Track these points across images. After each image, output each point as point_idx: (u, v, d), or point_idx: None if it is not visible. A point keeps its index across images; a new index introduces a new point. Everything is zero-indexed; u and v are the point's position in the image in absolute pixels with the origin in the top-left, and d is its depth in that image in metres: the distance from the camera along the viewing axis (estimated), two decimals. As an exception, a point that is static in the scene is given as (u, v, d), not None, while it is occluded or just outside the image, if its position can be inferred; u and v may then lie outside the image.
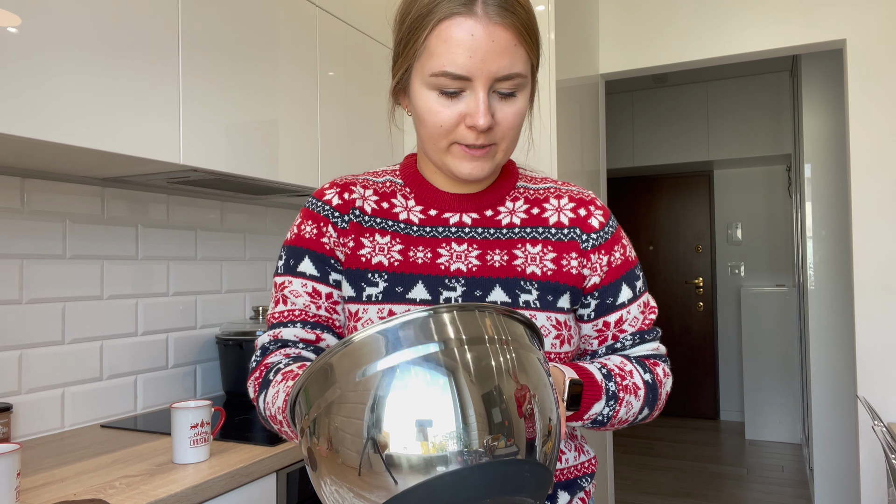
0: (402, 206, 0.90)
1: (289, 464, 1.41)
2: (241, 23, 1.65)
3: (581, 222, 0.88)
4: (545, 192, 0.92)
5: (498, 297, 0.83)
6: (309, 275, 0.88)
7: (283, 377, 0.79)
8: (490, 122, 0.77)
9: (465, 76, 0.76)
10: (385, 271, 0.85)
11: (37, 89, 1.18)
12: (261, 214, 2.24)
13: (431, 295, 0.83)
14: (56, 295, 1.58)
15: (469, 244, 0.86)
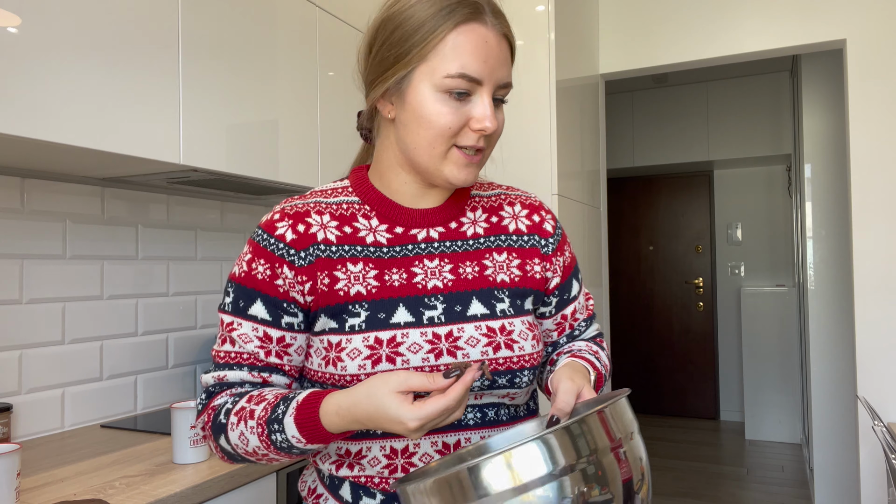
0: (367, 227, 0.87)
1: (289, 464, 1.41)
2: (241, 23, 1.65)
3: (538, 228, 0.94)
4: (497, 199, 0.95)
5: (477, 310, 0.85)
6: (261, 319, 0.83)
7: (238, 418, 0.80)
8: (496, 126, 0.82)
9: (479, 79, 0.80)
10: (365, 300, 0.83)
11: (37, 89, 1.18)
12: (261, 214, 2.24)
13: (414, 316, 0.83)
14: (56, 295, 1.58)
15: (440, 259, 0.87)
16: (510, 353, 0.85)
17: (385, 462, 0.83)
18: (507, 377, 0.85)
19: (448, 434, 0.84)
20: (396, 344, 0.82)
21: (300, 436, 0.76)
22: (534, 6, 2.19)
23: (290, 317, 0.84)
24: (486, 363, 0.79)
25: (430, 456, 0.83)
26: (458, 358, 0.83)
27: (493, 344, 0.84)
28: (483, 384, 0.85)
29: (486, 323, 0.85)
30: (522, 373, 0.86)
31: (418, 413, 0.69)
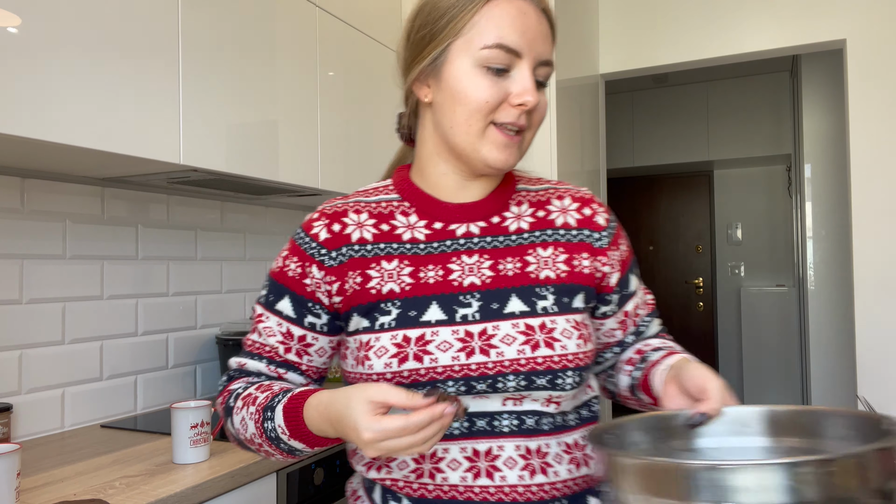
0: (405, 224, 0.86)
1: (289, 464, 1.41)
2: (241, 23, 1.65)
3: (588, 222, 0.88)
4: (545, 193, 0.91)
5: (515, 308, 0.81)
6: (285, 315, 0.86)
7: (243, 402, 0.82)
8: (537, 100, 0.79)
9: (517, 51, 0.77)
10: (398, 298, 0.82)
11: (37, 89, 1.18)
12: (261, 214, 2.24)
13: (447, 314, 0.80)
14: (56, 295, 1.58)
15: (480, 255, 0.84)
16: (550, 351, 0.79)
17: (413, 466, 0.80)
18: (548, 377, 0.79)
19: (479, 440, 0.80)
20: (425, 342, 0.79)
21: (284, 426, 0.76)
22: (534, 6, 2.19)
23: (313, 317, 0.86)
24: (465, 405, 0.73)
25: (458, 462, 0.79)
26: (490, 357, 0.78)
27: (531, 342, 0.79)
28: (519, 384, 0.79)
29: (525, 321, 0.80)
30: (565, 373, 0.80)
31: (374, 425, 0.66)
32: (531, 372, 0.79)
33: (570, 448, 0.83)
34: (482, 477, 0.78)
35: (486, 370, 0.78)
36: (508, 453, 0.79)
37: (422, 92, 0.84)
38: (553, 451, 0.81)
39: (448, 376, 0.78)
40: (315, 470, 1.50)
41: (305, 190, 1.94)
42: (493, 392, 0.79)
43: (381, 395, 0.68)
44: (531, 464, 0.79)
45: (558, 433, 0.82)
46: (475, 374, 0.78)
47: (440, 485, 0.79)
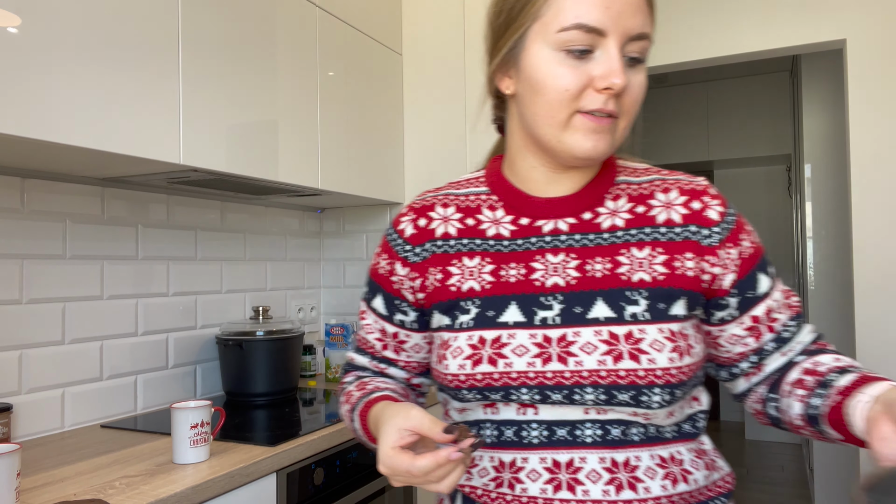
0: (490, 219, 0.82)
1: (289, 464, 1.41)
2: (241, 23, 1.65)
3: (697, 217, 0.78)
4: (649, 185, 0.81)
5: (600, 313, 0.74)
6: (379, 312, 0.89)
7: (345, 398, 0.88)
8: (626, 82, 0.70)
9: (600, 29, 0.69)
10: (477, 297, 0.79)
11: (37, 89, 1.18)
12: (261, 214, 2.24)
13: (526, 316, 0.76)
14: (56, 295, 1.58)
15: (566, 254, 0.78)
16: (635, 364, 0.71)
17: (493, 474, 0.77)
18: (630, 393, 0.72)
19: (559, 451, 0.74)
20: (501, 345, 0.75)
21: (361, 428, 0.82)
22: (534, 6, 2.19)
23: (401, 314, 0.87)
24: (480, 441, 0.68)
25: (538, 473, 0.75)
26: (567, 366, 0.73)
27: (613, 353, 0.72)
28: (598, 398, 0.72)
29: (610, 328, 0.73)
30: (651, 390, 0.71)
31: (388, 460, 0.66)
32: (612, 386, 0.72)
33: (665, 462, 0.75)
34: (563, 490, 0.73)
35: (562, 380, 0.73)
36: (591, 466, 0.73)
37: (503, 84, 0.79)
38: (644, 465, 0.74)
39: (522, 383, 0.74)
40: (315, 470, 1.50)
41: (305, 190, 1.94)
42: (570, 404, 0.74)
43: (408, 424, 0.68)
44: (618, 478, 0.73)
45: (651, 445, 0.75)
46: (550, 383, 0.73)
47: (519, 496, 0.75)
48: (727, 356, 0.83)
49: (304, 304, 2.43)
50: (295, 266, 2.40)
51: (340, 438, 1.57)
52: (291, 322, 2.02)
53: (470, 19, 2.30)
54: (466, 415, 0.81)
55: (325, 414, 1.71)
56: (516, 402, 0.76)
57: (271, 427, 1.57)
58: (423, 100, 2.36)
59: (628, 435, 0.74)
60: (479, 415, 0.79)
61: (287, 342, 1.92)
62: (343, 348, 2.24)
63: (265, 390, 1.88)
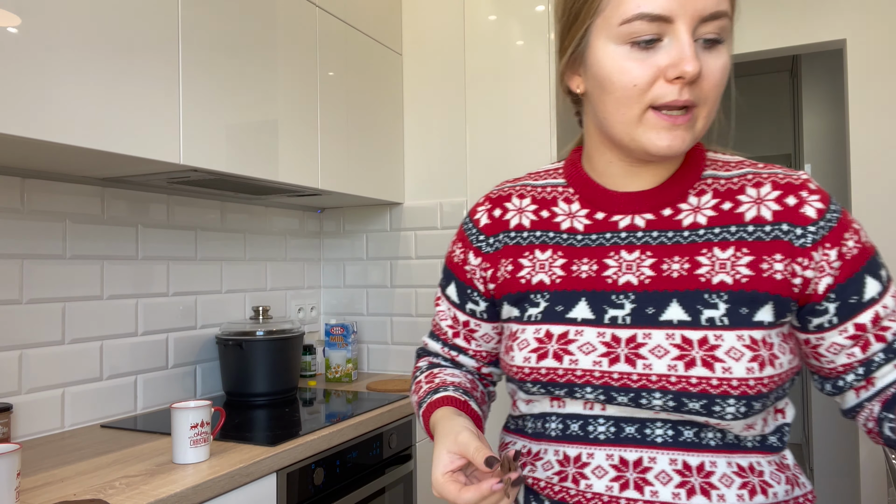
0: (565, 212, 0.80)
1: (289, 464, 1.41)
2: (241, 22, 1.65)
3: (791, 214, 0.71)
4: (740, 180, 0.75)
5: (674, 315, 0.70)
6: (451, 300, 0.89)
7: (415, 388, 0.90)
8: (699, 68, 0.65)
9: (665, 16, 0.65)
10: (547, 290, 0.77)
11: (37, 89, 1.18)
12: (261, 214, 2.24)
13: (595, 314, 0.73)
14: (56, 295, 1.58)
15: (641, 251, 0.74)
16: (708, 373, 0.67)
17: (557, 468, 0.76)
18: (702, 402, 0.67)
19: (627, 448, 0.72)
20: (567, 341, 0.73)
21: (424, 428, 0.83)
22: (534, 6, 2.19)
23: (472, 304, 0.87)
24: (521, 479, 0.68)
25: (603, 470, 0.72)
26: (636, 368, 0.69)
27: (685, 358, 0.68)
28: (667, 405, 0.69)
29: (683, 332, 0.69)
30: (725, 401, 0.67)
31: (439, 486, 0.70)
32: (682, 393, 0.68)
33: (743, 471, 0.71)
34: (630, 489, 0.70)
35: (629, 382, 0.70)
36: (661, 467, 0.70)
37: (573, 82, 0.76)
38: (720, 471, 0.70)
39: (587, 381, 0.72)
40: (315, 470, 1.50)
41: (305, 190, 1.94)
42: (637, 408, 0.71)
43: (456, 448, 0.71)
44: (690, 482, 0.69)
45: (729, 452, 0.71)
46: (616, 385, 0.70)
47: (583, 491, 0.73)
48: (830, 367, 0.76)
49: (304, 304, 2.43)
50: (295, 266, 2.40)
51: (340, 438, 1.57)
52: (291, 322, 2.02)
53: (470, 19, 2.30)
54: (533, 406, 0.80)
55: (325, 414, 1.71)
56: (581, 399, 0.74)
57: (271, 427, 1.57)
58: (423, 100, 2.36)
59: (702, 438, 0.71)
60: (546, 407, 0.78)
61: (287, 342, 1.92)
62: (343, 348, 2.24)
63: (265, 390, 1.88)
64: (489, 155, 2.27)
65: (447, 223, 2.31)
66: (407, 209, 2.39)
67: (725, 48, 0.68)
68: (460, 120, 2.31)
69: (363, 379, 2.28)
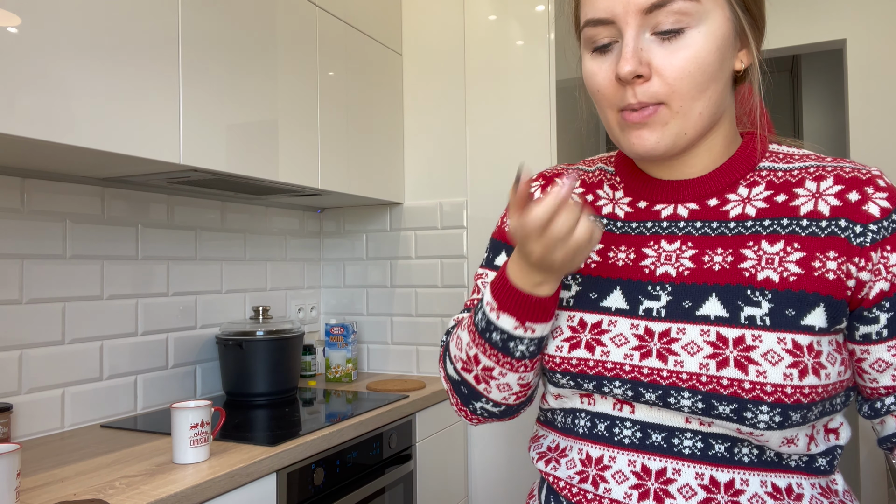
0: (608, 197, 0.78)
1: (289, 464, 1.41)
2: (241, 23, 1.65)
3: (850, 209, 0.65)
4: (801, 172, 0.69)
5: (712, 311, 0.66)
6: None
7: (458, 325, 0.78)
8: (635, 68, 0.63)
9: (606, 18, 0.65)
10: (579, 274, 0.74)
11: (37, 89, 1.18)
12: (261, 214, 2.24)
13: (629, 304, 0.70)
14: (56, 295, 1.58)
15: (683, 242, 0.70)
16: (741, 375, 0.62)
17: (579, 467, 0.73)
18: (732, 406, 0.63)
19: (651, 457, 0.68)
20: (601, 331, 0.70)
21: (492, 299, 0.68)
22: (534, 6, 2.19)
23: None
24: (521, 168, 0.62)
25: (624, 476, 0.69)
26: (667, 364, 0.66)
27: (718, 357, 0.64)
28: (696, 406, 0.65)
29: (719, 329, 0.65)
30: (758, 407, 0.62)
31: (514, 226, 0.62)
32: (712, 394, 0.63)
33: (779, 493, 0.65)
34: (650, 500, 0.67)
35: (658, 378, 0.66)
36: (686, 480, 0.66)
37: None
38: (751, 491, 0.65)
39: (616, 375, 0.68)
40: (315, 470, 1.50)
41: (305, 190, 1.94)
42: (664, 407, 0.67)
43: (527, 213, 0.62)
44: (715, 499, 0.65)
45: (764, 470, 0.66)
46: (645, 380, 0.67)
47: (601, 495, 0.69)
48: (872, 387, 0.69)
49: (304, 304, 2.43)
50: (295, 266, 2.40)
51: (340, 438, 1.57)
52: (291, 322, 2.02)
53: (470, 19, 2.30)
54: (563, 402, 0.76)
55: (325, 414, 1.71)
56: (609, 394, 0.70)
57: (271, 427, 1.57)
58: (423, 100, 2.36)
59: (735, 454, 0.66)
60: (576, 403, 0.75)
61: (287, 342, 1.92)
62: (343, 348, 2.24)
63: (265, 390, 1.88)
64: (489, 155, 2.27)
65: (447, 223, 2.31)
66: (407, 209, 2.39)
67: (696, 33, 0.63)
68: (460, 120, 2.31)
69: (363, 379, 2.28)
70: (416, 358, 2.36)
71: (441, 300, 2.32)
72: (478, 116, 2.28)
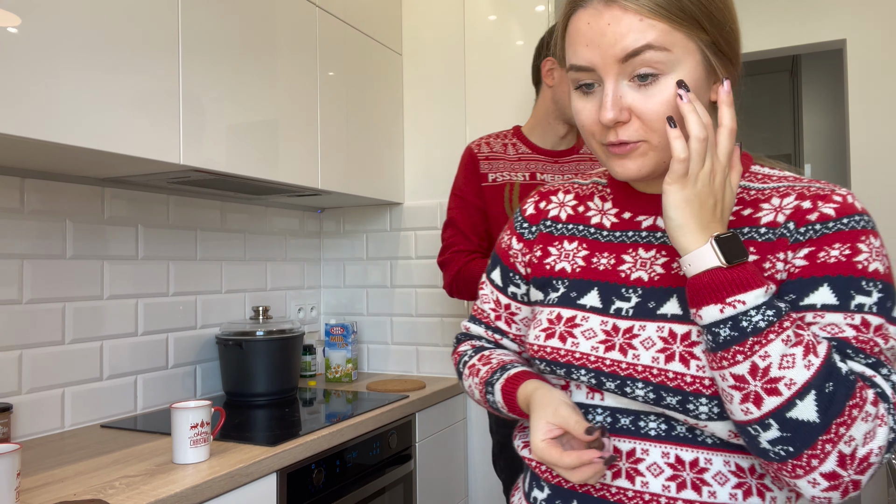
0: (597, 209, 0.86)
1: (289, 464, 1.41)
2: (241, 23, 1.65)
3: (799, 215, 0.70)
4: (771, 191, 0.75)
5: (670, 310, 0.73)
6: (495, 284, 0.94)
7: (469, 371, 0.92)
8: (616, 115, 0.69)
9: (587, 67, 0.71)
10: (566, 278, 0.83)
11: (37, 89, 1.18)
12: (261, 214, 2.24)
13: (603, 303, 0.78)
14: (56, 295, 1.58)
15: (658, 250, 0.78)
16: (683, 368, 0.68)
17: None
18: (677, 398, 0.69)
19: (621, 439, 0.75)
20: (573, 325, 0.78)
21: (503, 402, 0.84)
22: (534, 6, 2.19)
23: (514, 287, 0.92)
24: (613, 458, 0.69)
25: None
26: (626, 357, 0.73)
27: (666, 352, 0.70)
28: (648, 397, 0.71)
29: (672, 325, 0.71)
30: (698, 400, 0.68)
31: (539, 451, 0.71)
32: (661, 386, 0.70)
33: (741, 472, 0.71)
34: (622, 478, 0.74)
35: (618, 369, 0.73)
36: (653, 459, 0.73)
37: None
38: (715, 469, 0.71)
39: (582, 364, 0.76)
40: (315, 470, 1.50)
41: (305, 190, 1.94)
42: (623, 396, 0.74)
43: (556, 420, 0.72)
44: (681, 476, 0.71)
45: (727, 451, 0.71)
46: (606, 371, 0.74)
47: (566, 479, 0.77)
48: None
49: (304, 304, 2.43)
50: (295, 266, 2.40)
51: (340, 438, 1.57)
52: (291, 322, 2.02)
53: (470, 19, 2.30)
54: None
55: (325, 414, 1.71)
56: (577, 381, 0.78)
57: (271, 427, 1.57)
58: (423, 100, 2.36)
59: (696, 435, 0.71)
60: None
61: (287, 342, 1.92)
62: (343, 348, 2.24)
63: (265, 390, 1.88)
64: (489, 155, 2.26)
65: (447, 223, 2.31)
66: (407, 209, 2.39)
67: (667, 81, 0.69)
68: (460, 120, 2.31)
69: (363, 379, 2.28)
70: (416, 358, 2.36)
71: (441, 300, 2.32)
72: (478, 116, 2.28)
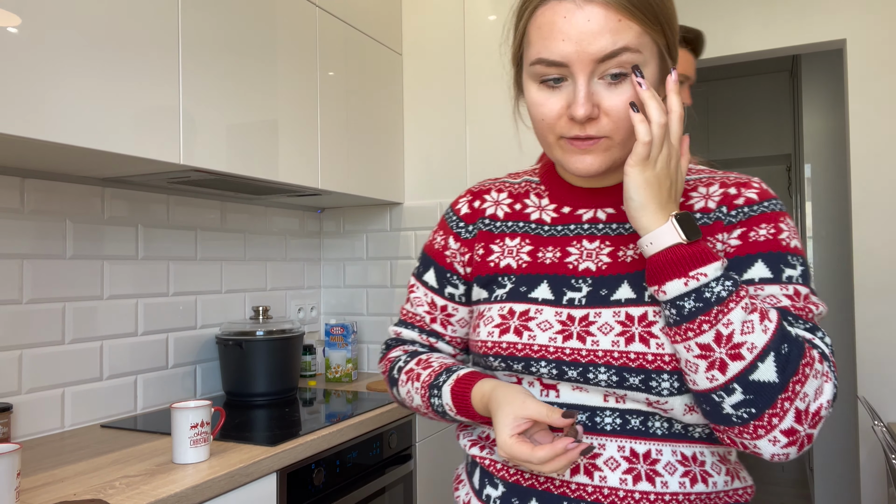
0: (535, 205, 0.88)
1: (289, 464, 1.41)
2: (241, 22, 1.65)
3: (728, 200, 0.77)
4: (695, 182, 0.81)
5: (623, 295, 0.76)
6: (429, 286, 0.93)
7: (407, 377, 0.90)
8: (590, 112, 0.71)
9: (560, 62, 0.71)
10: (513, 273, 0.84)
11: (37, 89, 1.18)
12: (261, 214, 2.24)
13: (554, 295, 0.79)
14: (56, 295, 1.58)
15: (601, 241, 0.81)
16: (644, 348, 0.72)
17: None
18: (640, 377, 0.72)
19: (582, 435, 0.77)
20: (528, 318, 0.79)
21: (452, 405, 0.83)
22: (534, 6, 2.19)
23: (451, 287, 0.92)
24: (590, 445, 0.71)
25: None
26: (585, 344, 0.75)
27: (626, 334, 0.74)
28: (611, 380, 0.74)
29: (627, 309, 0.75)
30: (660, 376, 0.72)
31: (508, 448, 0.71)
32: (623, 368, 0.73)
33: (686, 460, 0.76)
34: (581, 474, 0.76)
35: (578, 357, 0.75)
36: (611, 453, 0.76)
37: (522, 100, 0.82)
38: (665, 459, 0.75)
39: (542, 356, 0.77)
40: (315, 470, 1.50)
41: (305, 190, 1.94)
42: (585, 383, 0.76)
43: (523, 412, 0.72)
44: (636, 468, 0.75)
45: (675, 441, 0.75)
46: (567, 359, 0.76)
47: (536, 475, 0.78)
48: None
49: (304, 304, 2.43)
50: (295, 266, 2.40)
51: (340, 438, 1.57)
52: (291, 322, 2.02)
53: (470, 19, 2.30)
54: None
55: (325, 414, 1.71)
56: (536, 375, 0.79)
57: (271, 427, 1.57)
58: (423, 100, 2.36)
59: (650, 427, 0.75)
60: None
61: (287, 342, 1.92)
62: (343, 348, 2.24)
63: (265, 390, 1.88)
64: (489, 155, 2.27)
65: (447, 223, 2.31)
66: (407, 209, 2.39)
67: (631, 81, 0.71)
68: (460, 120, 2.31)
69: (363, 379, 2.28)
70: (416, 358, 2.36)
71: (441, 300, 2.32)
72: (478, 116, 2.28)
